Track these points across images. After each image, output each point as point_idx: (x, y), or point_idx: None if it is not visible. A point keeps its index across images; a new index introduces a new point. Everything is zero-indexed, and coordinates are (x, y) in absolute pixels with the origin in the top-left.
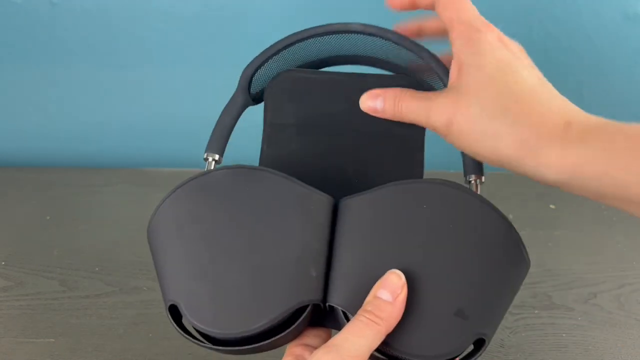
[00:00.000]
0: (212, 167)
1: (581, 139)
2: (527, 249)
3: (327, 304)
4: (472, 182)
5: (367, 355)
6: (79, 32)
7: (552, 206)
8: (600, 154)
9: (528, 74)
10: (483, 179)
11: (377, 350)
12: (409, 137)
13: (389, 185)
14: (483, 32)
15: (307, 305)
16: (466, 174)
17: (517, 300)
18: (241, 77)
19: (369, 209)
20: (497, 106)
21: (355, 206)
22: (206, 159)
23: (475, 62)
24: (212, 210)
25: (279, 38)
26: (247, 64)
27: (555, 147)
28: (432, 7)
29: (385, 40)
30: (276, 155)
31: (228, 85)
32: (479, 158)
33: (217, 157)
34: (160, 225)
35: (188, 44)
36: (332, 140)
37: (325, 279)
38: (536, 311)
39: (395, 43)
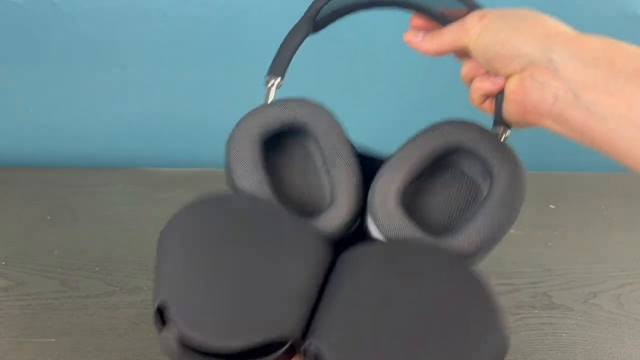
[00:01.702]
0: (274, 91)
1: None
2: (527, 249)
3: (306, 344)
4: (499, 133)
5: None
6: (79, 32)
7: (552, 206)
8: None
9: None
10: (508, 132)
11: None
12: None
13: (385, 244)
14: None
15: (287, 341)
16: (495, 124)
17: (517, 300)
18: (310, 8)
19: (364, 267)
20: (522, 15)
21: (352, 260)
22: (268, 82)
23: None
24: (226, 232)
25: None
26: None
27: (571, 34)
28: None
29: None
30: None
31: (228, 86)
32: (498, 49)
33: (279, 80)
34: (170, 233)
35: (188, 44)
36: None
37: (309, 319)
38: (536, 311)
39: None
